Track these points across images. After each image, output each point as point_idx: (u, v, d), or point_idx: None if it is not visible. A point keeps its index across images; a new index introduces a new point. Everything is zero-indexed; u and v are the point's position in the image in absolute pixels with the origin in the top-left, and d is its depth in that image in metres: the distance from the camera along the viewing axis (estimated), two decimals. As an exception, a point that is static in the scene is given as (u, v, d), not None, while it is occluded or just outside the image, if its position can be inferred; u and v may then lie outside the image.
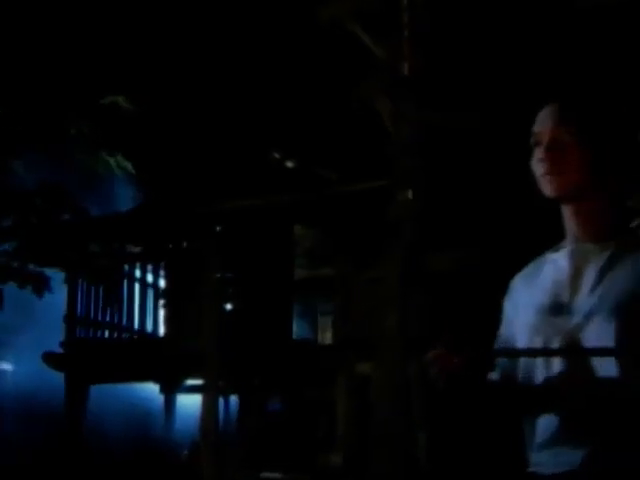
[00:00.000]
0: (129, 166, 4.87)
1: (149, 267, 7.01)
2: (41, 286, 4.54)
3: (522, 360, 1.61)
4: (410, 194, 3.11)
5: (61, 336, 6.59)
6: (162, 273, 7.05)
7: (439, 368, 1.56)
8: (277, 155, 7.85)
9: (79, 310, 6.71)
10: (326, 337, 8.09)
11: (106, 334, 6.97)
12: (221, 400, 7.50)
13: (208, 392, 5.94)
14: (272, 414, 6.70)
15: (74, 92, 4.93)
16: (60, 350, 6.54)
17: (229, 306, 7.13)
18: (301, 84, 6.31)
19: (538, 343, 1.57)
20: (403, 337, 3.81)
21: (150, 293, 7.01)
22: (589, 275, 1.59)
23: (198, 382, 6.44)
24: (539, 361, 1.56)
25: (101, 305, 6.79)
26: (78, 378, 6.50)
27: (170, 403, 7.60)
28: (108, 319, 6.87)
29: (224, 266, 7.06)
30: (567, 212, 1.67)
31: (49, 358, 6.45)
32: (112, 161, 4.75)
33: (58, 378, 6.43)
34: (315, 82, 6.14)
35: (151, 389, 7.37)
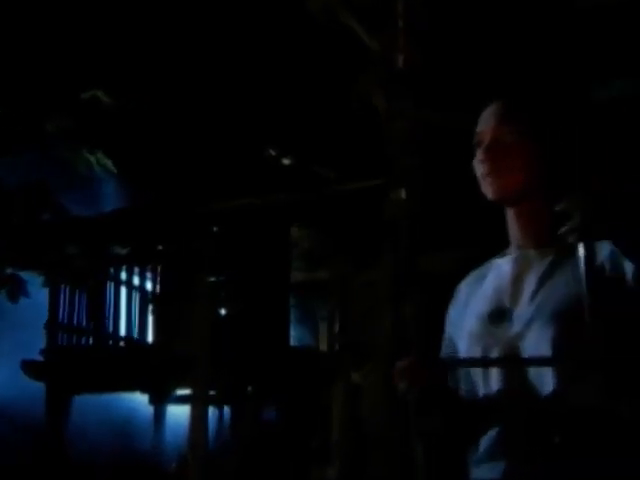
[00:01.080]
0: (110, 164, 4.89)
1: (136, 270, 7.04)
2: (15, 290, 4.55)
3: (463, 369, 1.64)
4: (405, 193, 3.13)
5: (42, 343, 6.59)
6: (150, 276, 7.08)
7: (410, 380, 1.57)
8: (273, 152, 7.87)
9: (61, 316, 6.72)
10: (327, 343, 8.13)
11: (90, 341, 6.99)
12: (214, 410, 7.54)
13: (197, 402, 5.96)
14: (267, 424, 6.72)
15: (51, 86, 4.96)
16: (40, 358, 6.54)
17: (222, 311, 7.17)
18: (297, 78, 6.33)
19: (477, 352, 1.60)
20: (397, 341, 3.83)
21: (137, 297, 7.04)
22: (530, 282, 1.61)
23: (190, 392, 6.47)
24: (479, 370, 1.59)
25: (85, 310, 6.81)
26: (60, 388, 6.50)
27: (160, 414, 7.61)
28: (92, 325, 6.89)
29: (216, 269, 7.09)
30: (510, 216, 1.70)
31: (28, 367, 6.44)
32: (93, 159, 4.77)
33: (38, 388, 6.42)
34: (312, 77, 6.16)
35: (139, 399, 7.38)
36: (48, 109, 4.72)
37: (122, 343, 6.93)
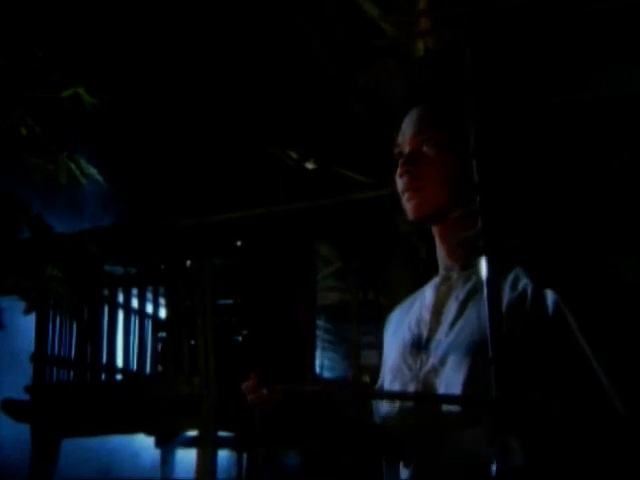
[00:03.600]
0: (95, 173, 4.93)
1: (134, 291, 7.03)
2: (-13, 320, 4.59)
3: (383, 407, 1.67)
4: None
5: (27, 379, 6.60)
6: (151, 298, 7.09)
7: (251, 400, 1.64)
8: (295, 155, 7.89)
9: (50, 347, 6.73)
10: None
11: (87, 375, 6.99)
12: (230, 454, 7.57)
13: (204, 445, 6.00)
14: (288, 470, 6.72)
15: (25, 83, 5.03)
16: (25, 397, 6.55)
17: (238, 338, 7.19)
18: (311, 71, 6.36)
19: (396, 387, 1.62)
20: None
21: (137, 322, 7.04)
22: (450, 309, 1.62)
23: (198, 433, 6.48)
24: (395, 405, 1.61)
25: (77, 340, 6.80)
26: (48, 431, 6.52)
27: (168, 459, 7.64)
28: (88, 356, 6.89)
29: (230, 289, 7.11)
30: (435, 236, 1.70)
31: (11, 407, 6.48)
32: (74, 167, 4.81)
33: (22, 431, 6.45)
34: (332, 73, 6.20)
35: (145, 442, 7.41)
36: (21, 110, 4.77)
37: (120, 376, 6.93)
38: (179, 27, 6.31)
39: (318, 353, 8.92)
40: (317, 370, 9.41)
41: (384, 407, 1.70)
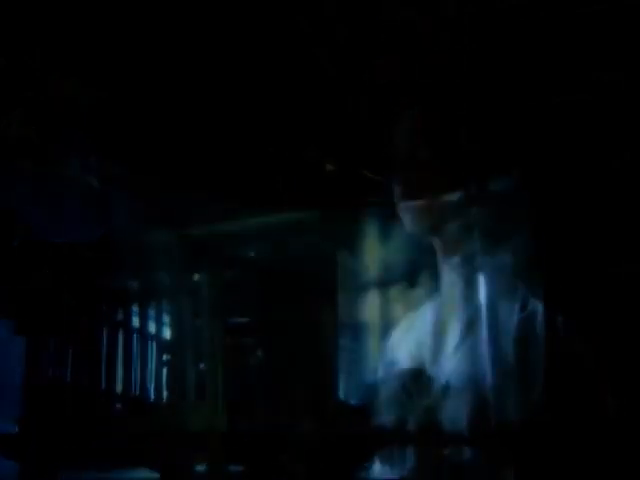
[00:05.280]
0: (91, 177, 5.00)
1: (135, 309, 7.09)
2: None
3: None
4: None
5: (15, 409, 6.64)
6: (154, 316, 7.13)
7: None
8: (313, 154, 7.95)
9: (42, 372, 6.78)
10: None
11: (83, 404, 7.05)
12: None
13: (214, 481, 5.99)
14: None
15: (13, 77, 5.11)
16: (13, 429, 6.59)
17: (251, 361, 7.20)
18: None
19: (392, 420, 1.60)
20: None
21: (139, 344, 7.08)
22: (455, 330, 1.59)
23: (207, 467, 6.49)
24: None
25: (72, 364, 6.86)
26: (39, 467, 6.54)
27: (175, 496, 7.67)
28: (84, 382, 6.94)
29: (240, 307, 7.12)
30: (436, 249, 1.70)
31: (-3, 440, 6.52)
32: (68, 170, 4.88)
33: (10, 469, 6.48)
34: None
35: (148, 478, 7.42)
36: (21, 110, 4.85)
37: (120, 404, 6.98)
38: (179, 27, 6.49)
39: (343, 377, 8.93)
40: (342, 396, 9.42)
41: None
